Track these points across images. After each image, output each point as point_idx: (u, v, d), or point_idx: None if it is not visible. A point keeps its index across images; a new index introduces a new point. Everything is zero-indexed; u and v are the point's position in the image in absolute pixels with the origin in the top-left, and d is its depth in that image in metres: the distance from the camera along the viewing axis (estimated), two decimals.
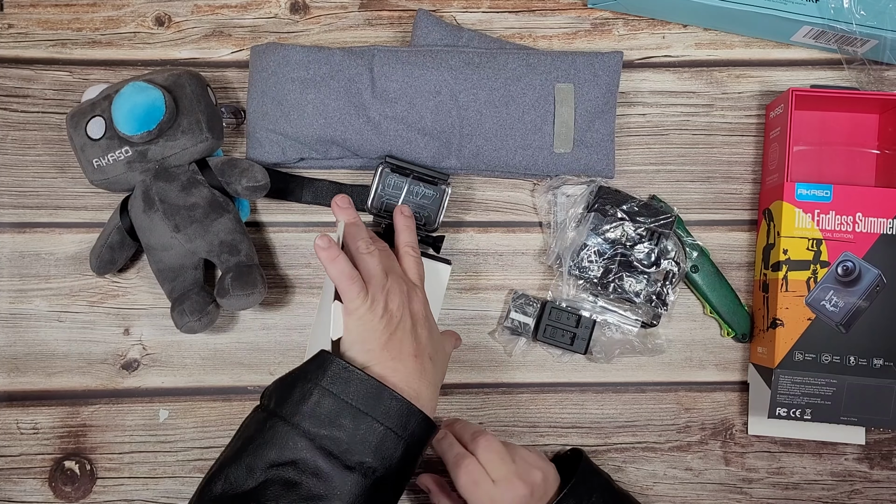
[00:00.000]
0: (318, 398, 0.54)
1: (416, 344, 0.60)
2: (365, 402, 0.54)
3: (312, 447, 0.53)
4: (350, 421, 0.53)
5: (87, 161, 0.69)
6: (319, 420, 0.53)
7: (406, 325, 0.60)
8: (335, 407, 0.54)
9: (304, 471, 0.52)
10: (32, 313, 0.76)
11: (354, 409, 0.54)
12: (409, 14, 0.78)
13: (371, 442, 0.53)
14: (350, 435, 0.53)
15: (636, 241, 0.72)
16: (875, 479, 0.76)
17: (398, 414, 0.54)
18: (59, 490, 0.74)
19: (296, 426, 0.53)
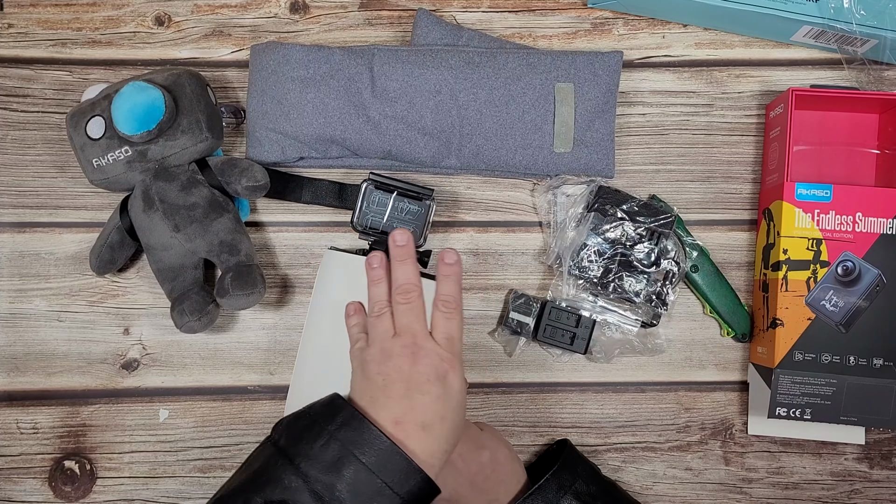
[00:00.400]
0: (325, 442, 0.53)
1: (405, 410, 0.56)
2: (366, 454, 0.52)
3: (305, 489, 0.52)
4: (350, 471, 0.52)
5: (86, 161, 0.69)
6: (321, 465, 0.53)
7: (397, 389, 0.56)
8: (340, 454, 0.53)
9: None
10: (32, 313, 0.76)
11: (357, 461, 0.52)
12: (409, 13, 0.78)
13: (364, 494, 0.52)
14: (347, 484, 0.52)
15: (636, 240, 0.72)
16: (875, 478, 0.76)
17: (399, 470, 0.52)
18: (59, 490, 0.74)
19: (296, 466, 0.53)
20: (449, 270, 0.61)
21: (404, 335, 0.58)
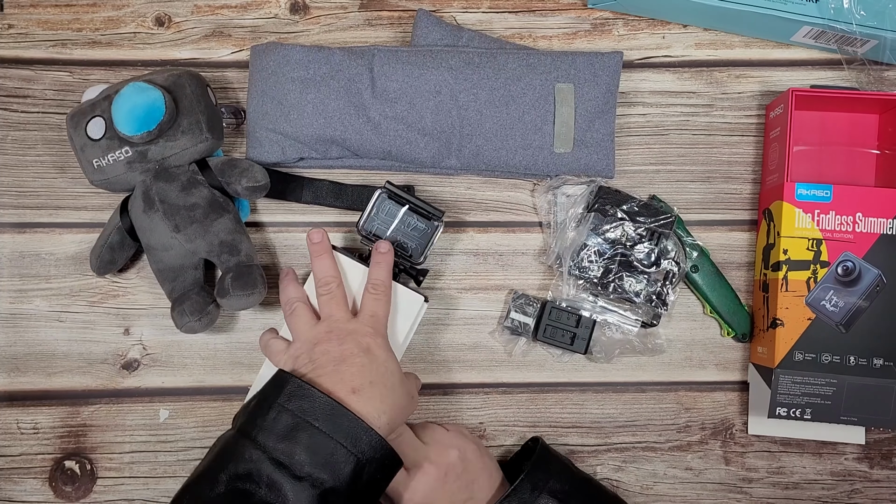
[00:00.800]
0: (276, 414, 0.56)
1: (335, 381, 0.59)
2: (318, 418, 0.56)
3: (265, 458, 0.55)
4: (305, 436, 0.55)
5: (87, 161, 0.69)
6: (276, 434, 0.56)
7: (326, 368, 0.60)
8: (291, 422, 0.56)
9: (259, 482, 0.54)
10: (33, 313, 0.76)
11: (308, 425, 0.55)
12: (409, 14, 0.78)
13: (321, 455, 0.55)
14: (304, 448, 0.55)
15: (636, 241, 0.72)
16: (875, 478, 0.76)
17: (349, 429, 0.56)
18: (59, 490, 0.74)
19: (253, 440, 0.56)
20: (381, 258, 0.68)
21: (327, 321, 0.64)
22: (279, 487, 0.54)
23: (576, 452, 0.76)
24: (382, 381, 0.61)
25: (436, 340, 0.77)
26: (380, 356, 0.62)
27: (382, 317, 0.65)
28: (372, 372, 0.60)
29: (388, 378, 0.61)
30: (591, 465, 0.76)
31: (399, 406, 0.61)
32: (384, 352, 0.63)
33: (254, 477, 0.54)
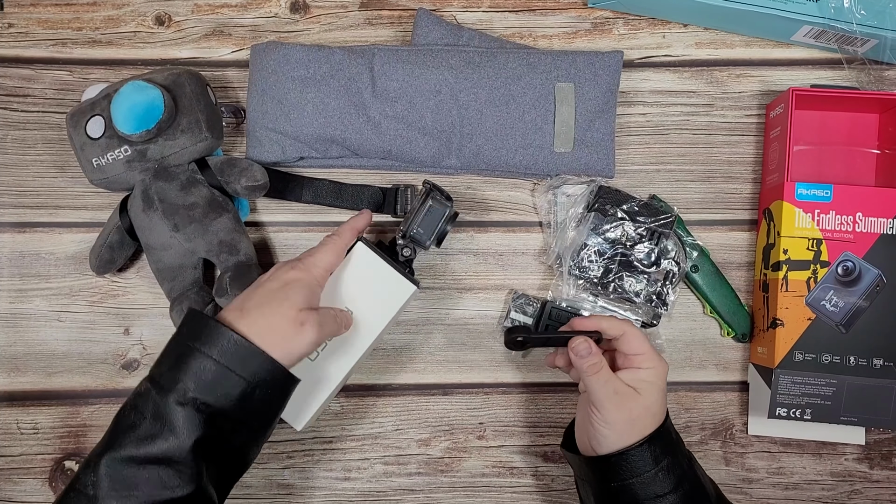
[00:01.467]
0: (172, 347, 0.57)
1: (239, 300, 0.60)
2: (205, 343, 0.56)
3: (152, 388, 0.55)
4: (194, 363, 0.55)
5: (86, 160, 0.69)
6: (167, 365, 0.56)
7: (249, 290, 0.61)
8: (182, 351, 0.56)
9: (144, 411, 0.54)
10: (32, 313, 0.76)
11: (198, 352, 0.55)
12: (409, 13, 0.78)
13: (206, 379, 0.55)
14: (191, 374, 0.55)
15: (636, 240, 0.72)
16: (875, 479, 0.76)
17: (237, 353, 0.55)
18: (59, 490, 0.74)
19: (149, 376, 0.57)
20: (358, 218, 0.68)
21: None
22: (163, 415, 0.54)
23: None
24: (269, 304, 0.59)
25: (436, 340, 0.77)
26: (289, 286, 0.60)
27: (321, 264, 0.64)
28: (269, 296, 0.59)
29: (279, 302, 0.59)
30: None
31: (277, 329, 0.58)
32: (297, 284, 0.61)
33: (139, 408, 0.54)
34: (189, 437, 0.54)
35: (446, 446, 0.76)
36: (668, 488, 0.59)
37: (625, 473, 0.59)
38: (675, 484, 0.59)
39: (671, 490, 0.59)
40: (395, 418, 0.76)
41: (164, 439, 0.53)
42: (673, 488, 0.59)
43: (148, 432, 0.53)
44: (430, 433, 0.76)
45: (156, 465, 0.53)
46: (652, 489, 0.59)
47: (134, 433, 0.54)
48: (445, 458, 0.76)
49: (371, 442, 0.76)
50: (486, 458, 0.76)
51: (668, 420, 0.62)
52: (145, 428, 0.54)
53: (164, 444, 0.53)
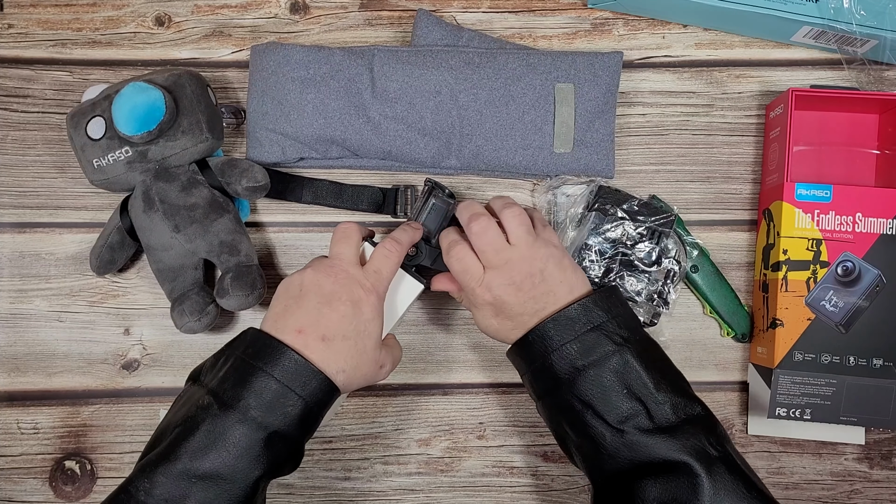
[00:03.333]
0: (233, 363, 0.57)
1: (311, 321, 0.59)
2: (270, 365, 0.56)
3: (215, 403, 0.55)
4: (254, 380, 0.55)
5: (87, 161, 0.69)
6: (229, 381, 0.56)
7: (310, 300, 0.59)
8: (244, 368, 0.56)
9: (203, 425, 0.54)
10: (33, 313, 0.76)
11: (260, 370, 0.55)
12: (409, 14, 0.78)
13: (269, 398, 0.55)
14: (253, 392, 0.55)
15: (637, 240, 0.72)
16: (875, 478, 0.76)
17: (299, 373, 0.56)
18: (59, 490, 0.75)
19: (206, 386, 0.56)
20: (411, 228, 0.66)
21: (333, 258, 0.62)
22: (221, 432, 0.54)
23: None
24: (356, 340, 0.59)
25: (436, 340, 0.77)
26: (366, 314, 0.60)
27: (385, 277, 0.62)
28: (349, 327, 0.59)
29: (364, 339, 0.60)
30: None
31: (362, 371, 0.60)
32: (372, 311, 0.60)
33: (200, 420, 0.54)
34: (242, 458, 0.54)
35: (446, 446, 0.76)
36: (589, 354, 0.57)
37: (535, 353, 0.60)
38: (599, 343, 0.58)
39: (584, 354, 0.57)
40: (395, 418, 0.76)
41: (217, 455, 0.53)
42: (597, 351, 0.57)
43: (203, 445, 0.53)
44: (430, 433, 0.76)
45: (205, 481, 0.53)
46: (570, 361, 0.58)
47: (190, 445, 0.53)
48: (445, 458, 0.76)
49: (371, 442, 0.76)
50: (486, 458, 0.76)
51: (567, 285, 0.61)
52: (202, 441, 0.54)
53: (218, 459, 0.53)
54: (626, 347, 0.57)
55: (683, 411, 0.56)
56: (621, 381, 0.56)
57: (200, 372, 0.59)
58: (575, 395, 0.57)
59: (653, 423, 0.55)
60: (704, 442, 0.55)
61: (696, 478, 0.53)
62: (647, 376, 0.57)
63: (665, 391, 0.57)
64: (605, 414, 0.56)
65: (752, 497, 0.53)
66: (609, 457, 0.56)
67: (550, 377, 0.58)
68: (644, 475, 0.54)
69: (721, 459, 0.54)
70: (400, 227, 0.66)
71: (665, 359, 0.60)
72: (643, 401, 0.56)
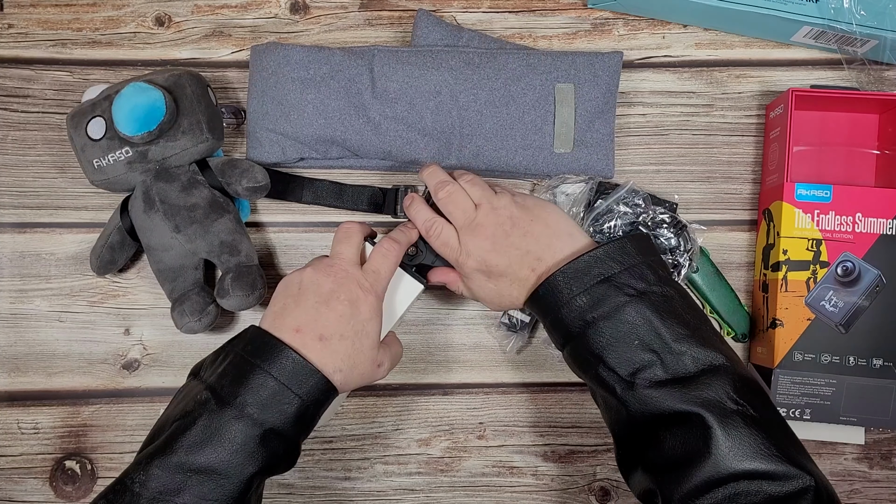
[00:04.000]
0: (232, 360, 0.57)
1: (308, 319, 0.59)
2: (267, 363, 0.56)
3: (212, 399, 0.55)
4: (252, 377, 0.55)
5: (87, 161, 0.69)
6: (227, 378, 0.56)
7: (308, 299, 0.59)
8: (242, 365, 0.56)
9: (199, 419, 0.54)
10: (33, 313, 0.76)
11: (257, 367, 0.56)
12: (409, 14, 0.78)
13: (265, 395, 0.55)
14: (250, 389, 0.55)
15: (659, 225, 0.72)
16: (874, 478, 0.77)
17: (296, 372, 0.56)
18: (59, 490, 0.75)
19: (204, 381, 0.57)
20: (410, 228, 0.67)
21: (333, 257, 0.63)
22: (218, 427, 0.54)
23: (576, 452, 0.76)
24: (353, 340, 0.59)
25: (436, 340, 0.77)
26: (363, 313, 0.60)
27: (383, 276, 0.63)
28: (347, 326, 0.59)
29: (362, 339, 0.60)
30: (591, 465, 0.76)
31: (359, 371, 0.60)
32: (370, 311, 0.60)
33: (197, 415, 0.54)
34: (238, 454, 0.54)
35: (446, 446, 0.76)
36: (597, 307, 0.56)
37: (548, 307, 0.58)
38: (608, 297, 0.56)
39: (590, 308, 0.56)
40: (395, 418, 0.76)
41: (212, 450, 0.54)
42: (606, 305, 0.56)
43: (199, 439, 0.54)
44: (430, 433, 0.76)
45: (200, 475, 0.53)
46: (579, 315, 0.56)
47: (186, 439, 0.54)
48: (445, 457, 0.76)
49: (371, 442, 0.76)
50: (486, 457, 0.76)
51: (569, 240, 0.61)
52: (198, 435, 0.54)
53: (213, 454, 0.53)
54: (641, 298, 0.55)
55: (704, 362, 0.54)
56: (633, 333, 0.55)
57: (201, 367, 0.59)
58: (587, 347, 0.56)
59: (667, 374, 0.54)
60: (722, 394, 0.52)
61: (708, 430, 0.51)
62: (663, 327, 0.55)
63: (685, 342, 0.54)
64: (615, 366, 0.55)
65: (770, 454, 0.50)
66: (623, 409, 0.55)
67: (564, 330, 0.58)
68: (658, 427, 0.53)
69: (739, 413, 0.52)
70: (398, 227, 0.67)
71: (693, 310, 0.57)
72: (657, 352, 0.54)
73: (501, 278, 0.62)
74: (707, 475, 0.50)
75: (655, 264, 0.58)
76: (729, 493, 0.49)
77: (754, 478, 0.50)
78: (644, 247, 0.59)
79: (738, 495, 0.49)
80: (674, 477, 0.51)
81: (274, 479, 0.75)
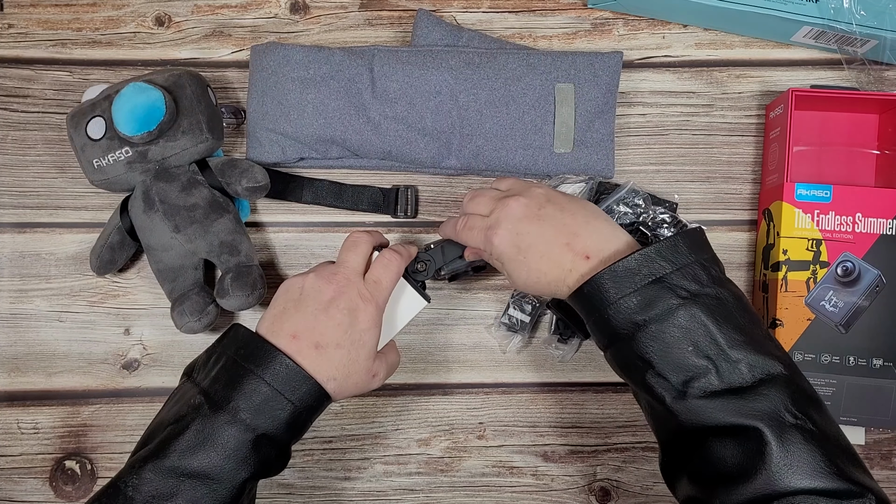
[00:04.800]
0: (224, 363, 0.57)
1: (306, 326, 0.59)
2: (261, 368, 0.56)
3: (205, 403, 0.55)
4: (246, 382, 0.56)
5: (87, 161, 0.69)
6: (220, 382, 0.56)
7: (308, 305, 0.59)
8: (236, 370, 0.56)
9: (192, 424, 0.55)
10: (33, 313, 0.76)
11: (251, 373, 0.56)
12: (409, 14, 0.78)
13: (258, 401, 0.55)
14: (243, 394, 0.55)
15: (659, 224, 0.72)
16: (874, 478, 0.76)
17: (289, 379, 0.56)
18: (59, 489, 0.75)
19: (197, 384, 0.57)
20: (410, 248, 0.66)
21: (338, 264, 0.62)
22: (210, 432, 0.54)
23: (576, 452, 0.76)
24: (349, 349, 0.59)
25: (436, 340, 0.77)
26: (362, 323, 0.60)
27: (385, 286, 0.62)
28: (344, 336, 0.59)
29: (358, 349, 0.59)
30: (592, 465, 0.76)
31: (353, 381, 0.60)
32: (368, 321, 0.60)
33: (190, 419, 0.55)
34: (230, 459, 0.54)
35: (446, 446, 0.76)
36: (646, 313, 0.53)
37: (596, 303, 0.55)
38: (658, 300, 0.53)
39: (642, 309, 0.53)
40: (394, 418, 0.76)
41: (205, 455, 0.54)
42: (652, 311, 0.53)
43: (192, 444, 0.54)
44: (430, 433, 0.76)
45: (193, 479, 0.53)
46: (627, 316, 0.53)
47: (180, 444, 0.54)
48: (445, 457, 0.76)
49: (371, 442, 0.76)
50: (486, 457, 0.76)
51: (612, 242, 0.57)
52: (191, 440, 0.54)
53: (206, 458, 0.54)
54: (694, 301, 0.52)
55: (761, 370, 0.51)
56: (687, 338, 0.51)
57: (194, 368, 0.60)
58: (634, 351, 0.53)
59: (722, 384, 0.50)
60: (780, 406, 0.49)
61: (764, 445, 0.48)
62: (718, 333, 0.51)
63: (741, 349, 0.51)
64: (666, 373, 0.52)
65: (830, 472, 0.47)
66: (672, 418, 0.52)
67: (610, 331, 0.54)
68: (709, 438, 0.50)
69: (797, 427, 0.49)
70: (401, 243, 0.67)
71: (748, 313, 0.54)
72: (712, 359, 0.51)
73: (531, 251, 0.58)
74: (761, 490, 0.48)
75: (708, 263, 0.55)
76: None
77: (811, 494, 0.47)
78: (697, 244, 0.55)
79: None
80: (724, 490, 0.49)
81: (274, 479, 0.75)
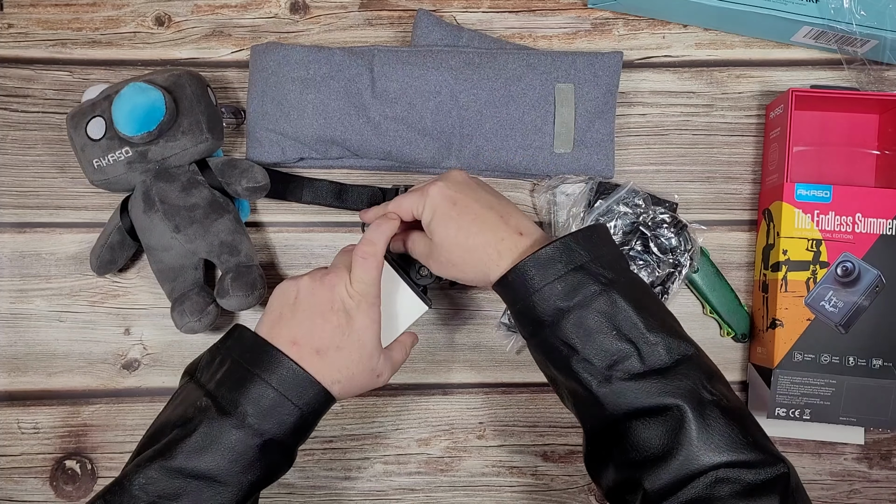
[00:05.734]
0: (230, 366, 0.57)
1: (305, 332, 0.59)
2: (268, 374, 0.56)
3: (213, 406, 0.55)
4: (252, 387, 0.56)
5: (87, 161, 0.69)
6: (227, 385, 0.56)
7: (303, 310, 0.59)
8: (242, 374, 0.56)
9: (199, 426, 0.55)
10: (33, 313, 0.76)
11: (258, 378, 0.56)
12: (409, 14, 0.78)
13: (265, 406, 0.55)
14: (250, 399, 0.55)
15: (659, 224, 0.72)
16: (874, 478, 0.77)
17: (296, 384, 0.56)
18: (60, 489, 0.75)
19: (204, 387, 0.57)
20: (383, 222, 0.62)
21: (331, 268, 0.62)
22: (217, 434, 0.54)
23: (576, 452, 0.76)
24: (350, 351, 0.59)
25: (436, 340, 0.77)
26: (359, 323, 0.59)
27: (368, 281, 0.60)
28: (343, 338, 0.59)
29: (358, 350, 0.59)
30: None
31: (357, 381, 0.60)
32: (365, 320, 0.60)
33: (197, 421, 0.54)
34: (237, 462, 0.54)
35: (446, 446, 0.76)
36: (570, 298, 0.54)
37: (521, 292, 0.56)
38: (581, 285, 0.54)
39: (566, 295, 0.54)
40: (395, 418, 0.76)
41: (212, 457, 0.54)
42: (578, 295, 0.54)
43: (199, 446, 0.54)
44: (429, 433, 0.76)
45: (199, 480, 0.54)
46: (552, 303, 0.54)
47: (187, 445, 0.54)
48: (445, 457, 0.76)
49: (371, 441, 0.76)
50: (485, 457, 0.76)
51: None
52: (198, 442, 0.54)
53: (213, 461, 0.54)
54: (613, 287, 0.54)
55: (678, 351, 0.53)
56: (610, 323, 0.53)
57: (196, 368, 0.59)
58: (559, 337, 0.54)
59: (644, 366, 0.52)
60: (698, 384, 0.52)
61: (685, 420, 0.50)
62: (637, 317, 0.53)
63: (658, 332, 0.53)
64: (591, 358, 0.53)
65: (747, 444, 0.50)
66: (598, 402, 0.53)
67: (534, 318, 0.55)
68: (632, 421, 0.52)
69: (715, 403, 0.51)
70: (372, 224, 0.63)
71: (655, 299, 0.57)
72: (634, 342, 0.53)
73: (466, 210, 0.59)
74: (686, 467, 0.50)
75: (619, 255, 0.57)
76: (709, 482, 0.49)
77: (733, 467, 0.49)
78: (607, 237, 0.58)
79: (719, 484, 0.49)
80: (652, 471, 0.51)
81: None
